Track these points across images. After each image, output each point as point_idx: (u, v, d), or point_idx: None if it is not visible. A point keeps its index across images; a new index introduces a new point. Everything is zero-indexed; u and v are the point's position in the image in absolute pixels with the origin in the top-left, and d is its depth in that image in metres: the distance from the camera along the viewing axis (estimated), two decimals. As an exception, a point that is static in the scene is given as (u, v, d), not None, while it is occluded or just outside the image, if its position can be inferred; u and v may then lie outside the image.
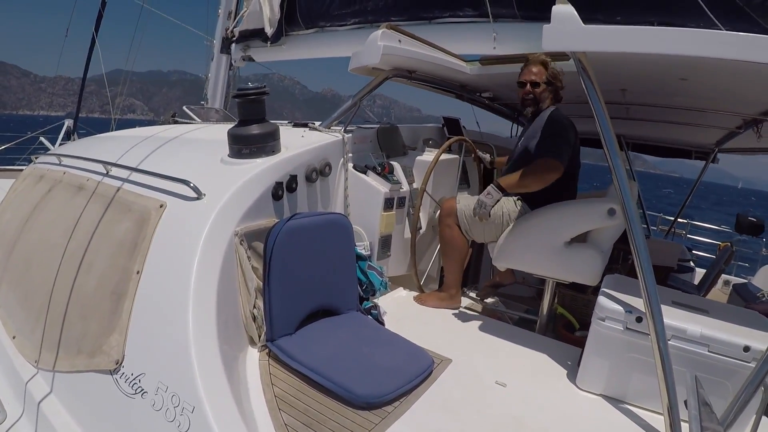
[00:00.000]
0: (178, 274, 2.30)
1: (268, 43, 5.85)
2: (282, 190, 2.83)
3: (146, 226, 2.56)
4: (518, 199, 3.47)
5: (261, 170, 2.76)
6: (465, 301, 3.86)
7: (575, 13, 2.33)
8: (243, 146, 2.87)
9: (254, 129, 2.88)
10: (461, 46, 4.32)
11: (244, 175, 2.71)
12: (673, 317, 2.47)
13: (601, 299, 2.65)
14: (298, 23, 5.75)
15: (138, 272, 2.42)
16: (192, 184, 2.56)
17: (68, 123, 8.13)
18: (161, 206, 2.61)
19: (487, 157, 4.31)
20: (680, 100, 4.18)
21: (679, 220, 7.99)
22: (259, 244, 2.63)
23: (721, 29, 3.17)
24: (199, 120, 4.89)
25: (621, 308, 2.58)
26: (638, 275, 2.34)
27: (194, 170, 2.84)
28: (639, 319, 2.53)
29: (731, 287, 6.01)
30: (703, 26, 3.38)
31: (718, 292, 6.18)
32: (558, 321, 3.67)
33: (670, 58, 2.39)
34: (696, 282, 6.39)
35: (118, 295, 2.43)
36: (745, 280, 6.92)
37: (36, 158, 4.42)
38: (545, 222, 3.24)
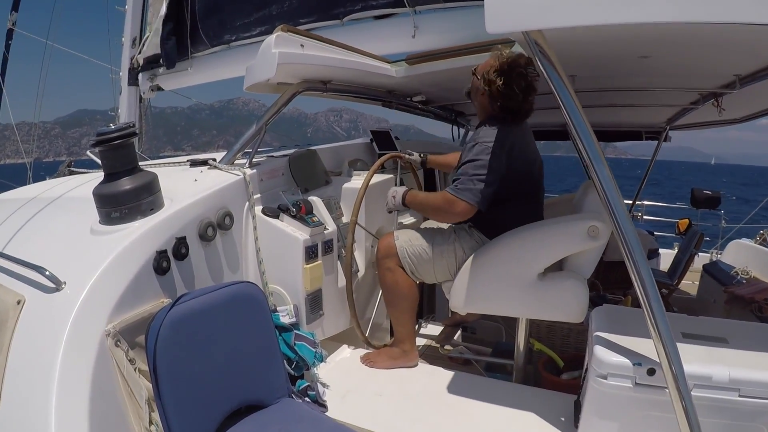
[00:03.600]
0: (36, 400, 1.71)
1: (162, 68, 5.24)
2: (167, 260, 2.15)
3: (3, 331, 1.91)
4: (471, 227, 2.85)
5: (133, 240, 2.07)
6: (422, 342, 3.29)
7: None
8: (111, 208, 2.17)
9: (123, 184, 2.19)
10: (379, 46, 3.74)
11: (112, 250, 2.02)
12: (692, 360, 1.92)
13: (598, 351, 2.06)
14: (202, 41, 5.13)
15: None
16: (47, 272, 1.91)
17: None
18: (19, 302, 1.95)
19: (416, 157, 3.62)
20: (635, 81, 3.72)
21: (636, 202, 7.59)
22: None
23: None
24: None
25: (627, 360, 2.00)
26: (646, 315, 1.85)
27: (59, 248, 2.21)
28: (651, 372, 1.97)
29: (702, 267, 5.64)
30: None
31: (688, 274, 5.79)
32: (536, 359, 3.08)
33: (638, 31, 1.91)
34: (662, 266, 6.06)
35: None
36: (708, 253, 6.64)
37: None
38: (512, 252, 2.63)
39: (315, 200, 2.89)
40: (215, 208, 2.45)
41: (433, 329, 3.84)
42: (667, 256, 6.12)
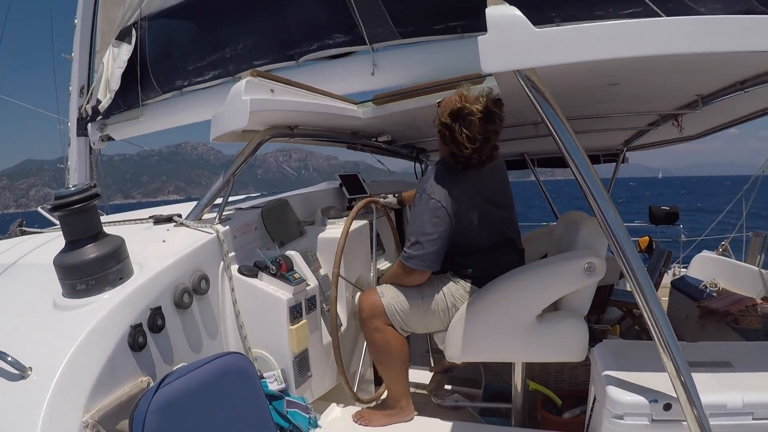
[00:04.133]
0: None
1: (98, 118, 5.04)
2: (143, 334, 1.95)
3: None
4: (453, 274, 2.74)
5: (104, 316, 1.87)
6: (415, 389, 3.12)
7: (522, 15, 1.69)
8: (76, 280, 1.96)
9: (88, 252, 1.97)
10: (338, 85, 3.67)
11: (81, 327, 1.82)
12: (705, 390, 1.86)
13: (612, 391, 1.98)
14: (153, 88, 4.94)
15: None
16: (10, 358, 1.68)
17: None
18: None
19: (391, 198, 3.55)
20: (599, 107, 3.73)
21: None
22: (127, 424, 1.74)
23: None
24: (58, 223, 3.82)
25: (642, 398, 1.94)
26: (660, 350, 1.79)
27: (19, 327, 1.98)
28: (668, 407, 1.91)
29: (670, 284, 5.67)
30: (612, 13, 3.19)
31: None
32: (534, 399, 2.97)
33: (614, 61, 1.86)
34: (630, 287, 6.04)
35: None
36: (671, 270, 6.67)
37: None
38: (508, 296, 2.53)
39: (293, 254, 2.72)
40: (190, 272, 2.26)
41: (414, 374, 3.70)
42: None
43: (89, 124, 5.46)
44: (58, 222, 2.91)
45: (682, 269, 6.61)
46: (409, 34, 3.77)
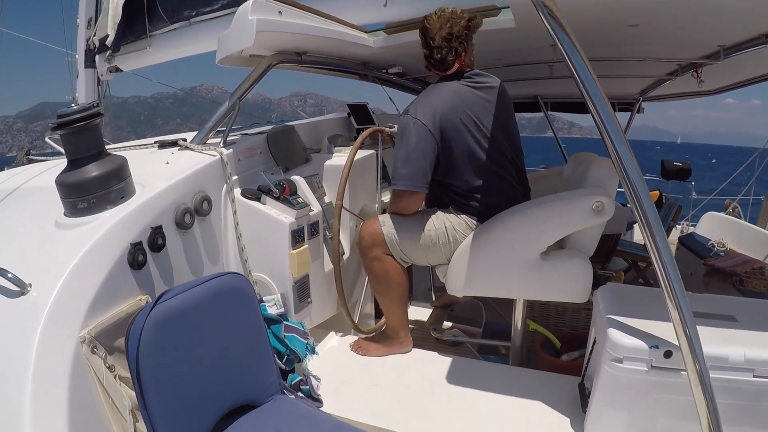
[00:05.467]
0: (7, 419, 1.53)
1: (107, 53, 4.91)
2: (143, 253, 1.95)
3: None
4: (456, 208, 2.70)
5: (104, 233, 1.86)
6: (415, 324, 3.18)
7: None
8: (78, 198, 1.96)
9: (90, 170, 1.96)
10: (349, 16, 3.53)
11: (81, 245, 1.81)
12: (707, 341, 1.79)
13: (613, 334, 1.95)
14: (161, 18, 4.76)
15: None
16: (10, 275, 1.69)
17: None
18: None
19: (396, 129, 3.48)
20: (617, 51, 3.63)
21: None
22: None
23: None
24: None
25: (643, 344, 1.90)
26: (666, 298, 1.70)
27: (21, 246, 1.99)
28: (668, 354, 1.87)
29: (677, 240, 5.63)
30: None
31: None
32: (533, 339, 2.97)
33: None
34: (636, 238, 6.02)
35: None
36: (679, 225, 6.63)
37: None
38: (513, 231, 2.49)
39: (297, 179, 2.69)
40: (192, 193, 2.24)
41: (415, 310, 3.72)
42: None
43: (97, 56, 5.38)
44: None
45: (690, 227, 6.57)
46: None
